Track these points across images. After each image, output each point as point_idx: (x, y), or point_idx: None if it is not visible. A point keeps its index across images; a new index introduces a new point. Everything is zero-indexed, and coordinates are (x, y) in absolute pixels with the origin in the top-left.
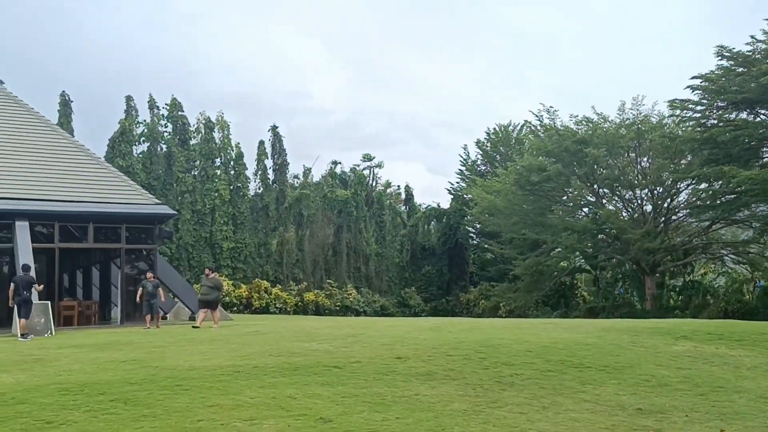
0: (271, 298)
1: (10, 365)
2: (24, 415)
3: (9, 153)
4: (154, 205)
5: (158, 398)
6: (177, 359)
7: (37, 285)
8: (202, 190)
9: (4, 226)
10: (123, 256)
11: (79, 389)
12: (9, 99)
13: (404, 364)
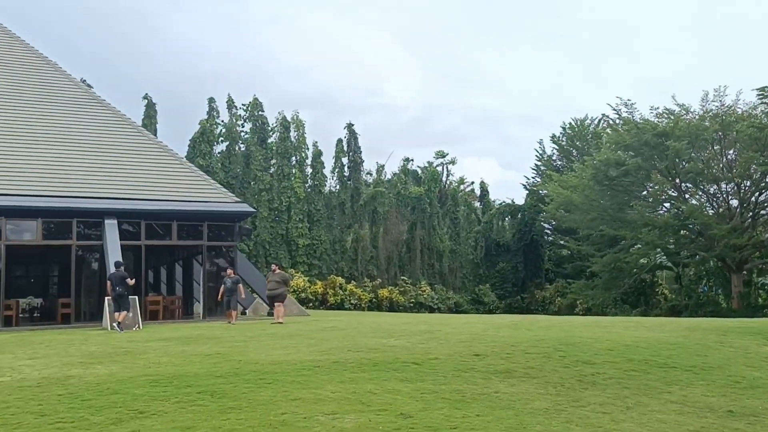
0: (345, 295)
1: (103, 357)
2: (118, 405)
3: (98, 154)
4: (234, 203)
5: (243, 391)
6: (259, 353)
7: (129, 279)
8: (279, 188)
9: (94, 224)
10: (204, 252)
11: (168, 381)
12: (97, 102)
13: (483, 361)
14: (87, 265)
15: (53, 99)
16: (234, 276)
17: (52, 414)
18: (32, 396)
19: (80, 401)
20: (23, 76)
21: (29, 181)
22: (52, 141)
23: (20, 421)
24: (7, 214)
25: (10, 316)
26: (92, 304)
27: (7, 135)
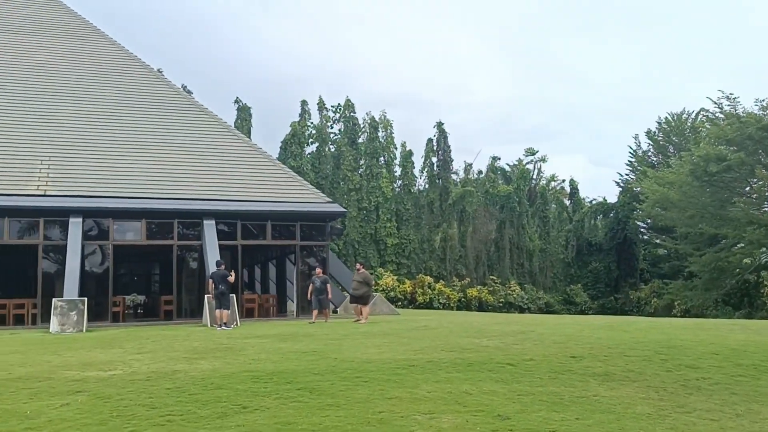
0: (434, 294)
1: (206, 353)
2: (223, 400)
3: (197, 157)
4: (326, 204)
5: (340, 389)
6: (354, 352)
7: (230, 277)
8: (368, 187)
9: (193, 225)
10: (297, 252)
11: (268, 377)
12: (196, 108)
13: (579, 363)
14: (187, 264)
15: (156, 106)
16: (323, 275)
17: (162, 407)
18: (143, 389)
19: (187, 395)
20: (128, 85)
21: (134, 184)
22: (155, 146)
23: (134, 413)
24: (114, 215)
25: (117, 312)
26: (192, 302)
27: (115, 141)
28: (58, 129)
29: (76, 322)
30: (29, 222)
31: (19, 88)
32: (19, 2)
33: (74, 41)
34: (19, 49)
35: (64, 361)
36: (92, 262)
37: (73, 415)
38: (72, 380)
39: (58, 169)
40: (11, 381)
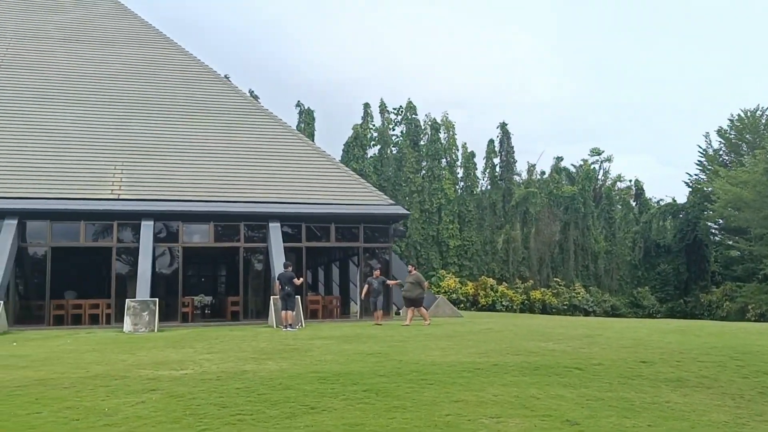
0: (497, 296)
1: (273, 353)
2: (291, 400)
3: (263, 161)
4: (389, 206)
5: (406, 391)
6: (418, 354)
7: (296, 279)
8: (430, 189)
9: (259, 227)
10: (361, 254)
11: (334, 378)
12: (262, 112)
13: (650, 368)
14: (253, 266)
15: (224, 111)
16: (380, 277)
17: (233, 406)
18: (213, 388)
19: (256, 395)
20: (197, 92)
21: (203, 188)
22: (223, 150)
23: (205, 411)
24: (183, 218)
25: (187, 313)
26: (258, 303)
27: (184, 146)
28: (130, 136)
29: (148, 322)
30: (103, 225)
31: (95, 98)
32: (93, 14)
33: (146, 51)
34: (94, 60)
35: (138, 360)
36: (162, 263)
37: (148, 412)
38: (146, 379)
39: (130, 174)
40: (90, 379)
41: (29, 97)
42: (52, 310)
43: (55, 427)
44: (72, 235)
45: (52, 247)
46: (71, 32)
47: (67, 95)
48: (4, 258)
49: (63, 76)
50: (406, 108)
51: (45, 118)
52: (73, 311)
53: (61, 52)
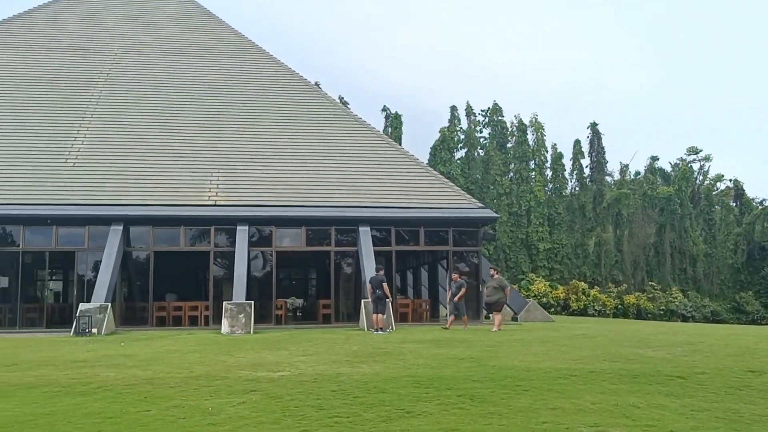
0: (589, 300)
1: (366, 356)
2: (386, 404)
3: (352, 166)
4: (478, 209)
5: (501, 397)
6: (511, 359)
7: (385, 285)
8: (518, 191)
9: (349, 231)
10: (450, 257)
11: (428, 383)
12: (350, 117)
13: (759, 378)
14: (343, 269)
15: (315, 118)
16: (459, 280)
17: (329, 408)
18: (310, 390)
19: (352, 398)
20: (289, 100)
21: (295, 194)
22: (314, 156)
23: (303, 413)
24: (277, 223)
25: (280, 315)
26: (349, 306)
27: (277, 153)
28: (226, 144)
29: (244, 324)
30: (200, 230)
31: (193, 108)
32: (190, 28)
33: (240, 61)
34: (192, 72)
35: (236, 361)
36: (255, 266)
37: (249, 413)
38: (246, 380)
39: (226, 181)
40: (193, 379)
41: (132, 109)
42: (155, 312)
43: (164, 425)
44: (172, 240)
45: (155, 252)
46: (170, 46)
47: (167, 106)
48: (111, 262)
49: (163, 88)
50: (491, 110)
51: (147, 129)
52: (174, 313)
53: (161, 66)
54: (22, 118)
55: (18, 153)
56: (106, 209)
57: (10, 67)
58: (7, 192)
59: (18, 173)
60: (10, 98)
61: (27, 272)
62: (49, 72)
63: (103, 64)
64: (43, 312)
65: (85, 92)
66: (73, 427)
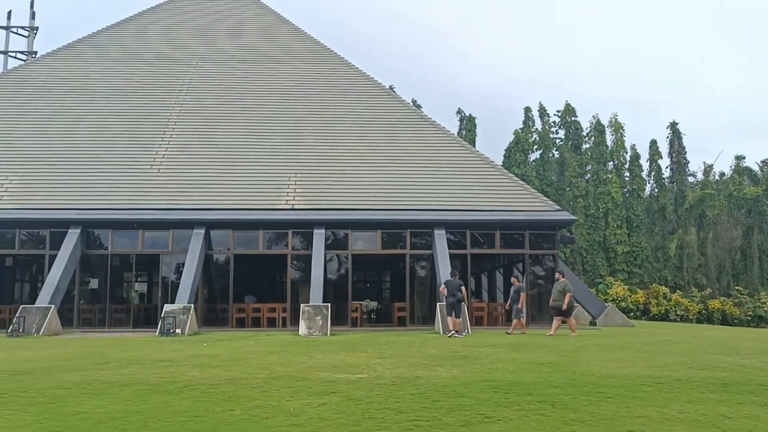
0: (670, 305)
1: (443, 360)
2: (465, 408)
3: (427, 169)
4: (555, 211)
5: (583, 403)
6: (592, 365)
7: (463, 288)
8: (595, 193)
9: (423, 234)
10: (526, 261)
11: (507, 388)
12: (425, 121)
13: None
14: (418, 273)
15: (389, 121)
16: (517, 284)
17: (409, 411)
18: (389, 393)
19: (431, 401)
20: (364, 104)
21: (371, 197)
22: (389, 160)
23: (383, 416)
24: (353, 226)
25: (356, 318)
26: (424, 309)
27: (353, 157)
28: (303, 149)
29: (321, 326)
30: (278, 233)
31: (271, 114)
32: (268, 36)
33: (316, 67)
34: (270, 79)
35: (316, 363)
36: (331, 269)
37: (330, 414)
38: (325, 381)
39: (304, 185)
40: (274, 379)
41: (212, 116)
42: (235, 313)
43: (248, 424)
44: (251, 243)
45: (234, 254)
46: (248, 54)
47: (246, 113)
48: (194, 264)
49: (242, 95)
50: (564, 111)
51: (227, 135)
52: (253, 314)
53: (239, 73)
54: (111, 127)
55: (107, 160)
56: (189, 213)
57: (101, 79)
58: (97, 197)
59: (107, 179)
60: (99, 108)
61: (115, 274)
62: (135, 82)
63: (184, 73)
64: (130, 312)
65: (169, 101)
66: (163, 424)
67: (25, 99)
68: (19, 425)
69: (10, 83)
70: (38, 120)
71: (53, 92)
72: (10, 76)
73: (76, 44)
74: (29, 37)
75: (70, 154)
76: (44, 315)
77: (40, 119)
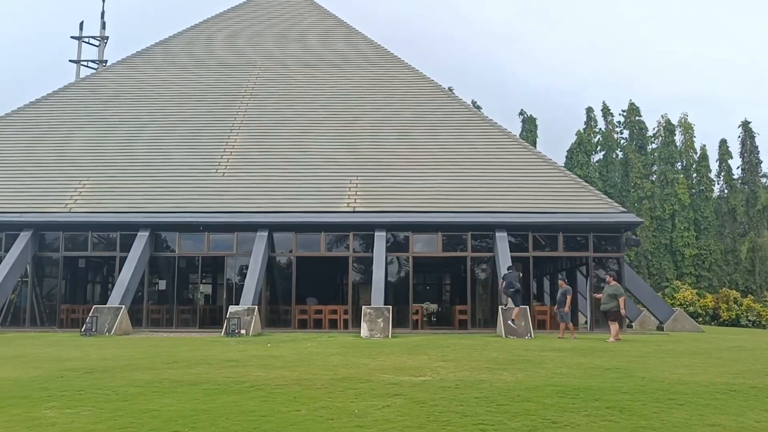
0: (741, 310)
1: (506, 364)
2: (531, 413)
3: (488, 170)
4: (620, 213)
5: (653, 410)
6: (661, 371)
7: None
8: (661, 195)
9: (484, 237)
10: (590, 264)
11: (574, 393)
12: (485, 122)
13: None
14: (479, 276)
15: (449, 123)
16: (565, 286)
17: (473, 415)
18: (453, 396)
19: (495, 405)
20: (424, 106)
21: (431, 200)
22: (449, 162)
23: (448, 419)
24: (413, 229)
25: (416, 320)
26: (485, 312)
27: (413, 159)
28: (364, 151)
29: (383, 328)
30: (339, 236)
31: (332, 117)
32: (328, 40)
33: (376, 70)
34: (330, 83)
35: (378, 365)
36: (391, 272)
37: (394, 416)
38: (388, 383)
39: (364, 187)
40: (338, 381)
41: (274, 120)
42: (297, 315)
43: (314, 425)
44: (313, 246)
45: (296, 257)
46: (309, 58)
47: (307, 116)
48: (257, 266)
49: (303, 99)
50: (628, 111)
51: (288, 139)
52: (315, 316)
53: (301, 77)
54: (177, 132)
55: (174, 165)
56: (252, 216)
57: (167, 85)
58: (165, 201)
59: (174, 184)
60: (166, 114)
61: (182, 276)
62: (200, 88)
63: (247, 79)
64: (196, 313)
65: (232, 107)
66: (231, 423)
67: (97, 106)
68: (94, 421)
69: (82, 91)
70: (109, 126)
71: (122, 99)
72: (83, 84)
73: (143, 53)
74: (100, 46)
75: (138, 160)
76: (115, 315)
77: (111, 125)
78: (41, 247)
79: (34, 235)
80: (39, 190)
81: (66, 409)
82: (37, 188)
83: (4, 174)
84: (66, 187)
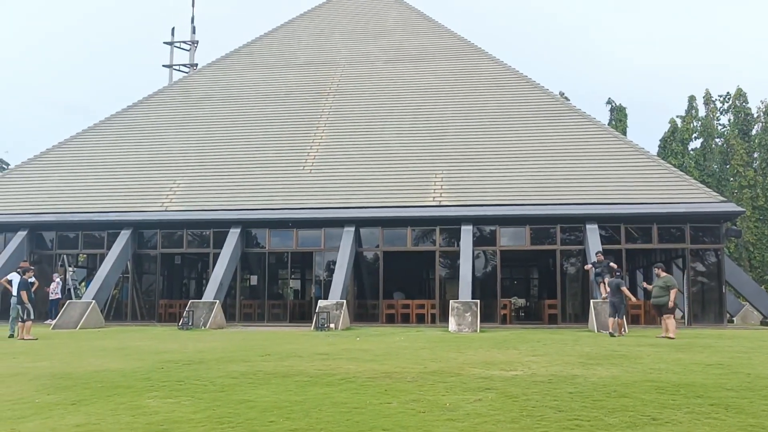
0: None
1: (600, 359)
2: (629, 409)
3: (577, 161)
4: (719, 203)
5: (762, 408)
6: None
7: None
8: (764, 183)
9: (573, 229)
10: (687, 256)
11: (674, 389)
12: (573, 112)
13: None
14: (569, 269)
15: (535, 114)
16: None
17: (568, 410)
18: (546, 391)
19: (591, 401)
20: (509, 97)
21: (518, 192)
22: (536, 153)
23: (542, 414)
24: (500, 222)
25: (505, 315)
26: (576, 306)
27: (499, 151)
28: (449, 144)
29: (471, 322)
30: (425, 230)
31: (416, 111)
32: (411, 34)
33: (459, 62)
34: (414, 77)
35: (467, 359)
36: (478, 266)
37: (486, 410)
38: (479, 377)
39: (450, 181)
40: (428, 374)
41: (360, 116)
42: (384, 309)
43: (405, 417)
44: (399, 240)
45: (383, 251)
46: (392, 53)
47: (392, 111)
48: (345, 261)
49: (387, 94)
50: (734, 96)
51: (373, 134)
52: (402, 311)
53: (385, 73)
54: (265, 131)
55: (262, 163)
56: (339, 212)
57: (255, 86)
58: (255, 198)
59: (263, 181)
60: (254, 114)
61: (272, 271)
62: (286, 87)
63: (332, 76)
64: (286, 308)
65: (318, 104)
66: (324, 414)
67: (189, 108)
68: (194, 410)
69: (175, 94)
70: (200, 127)
71: (213, 101)
72: (174, 88)
73: (231, 55)
74: (190, 50)
75: (229, 159)
76: (210, 309)
77: (202, 127)
78: (140, 245)
79: (133, 234)
80: (137, 190)
81: (167, 399)
82: (136, 188)
83: (106, 175)
84: (162, 187)
